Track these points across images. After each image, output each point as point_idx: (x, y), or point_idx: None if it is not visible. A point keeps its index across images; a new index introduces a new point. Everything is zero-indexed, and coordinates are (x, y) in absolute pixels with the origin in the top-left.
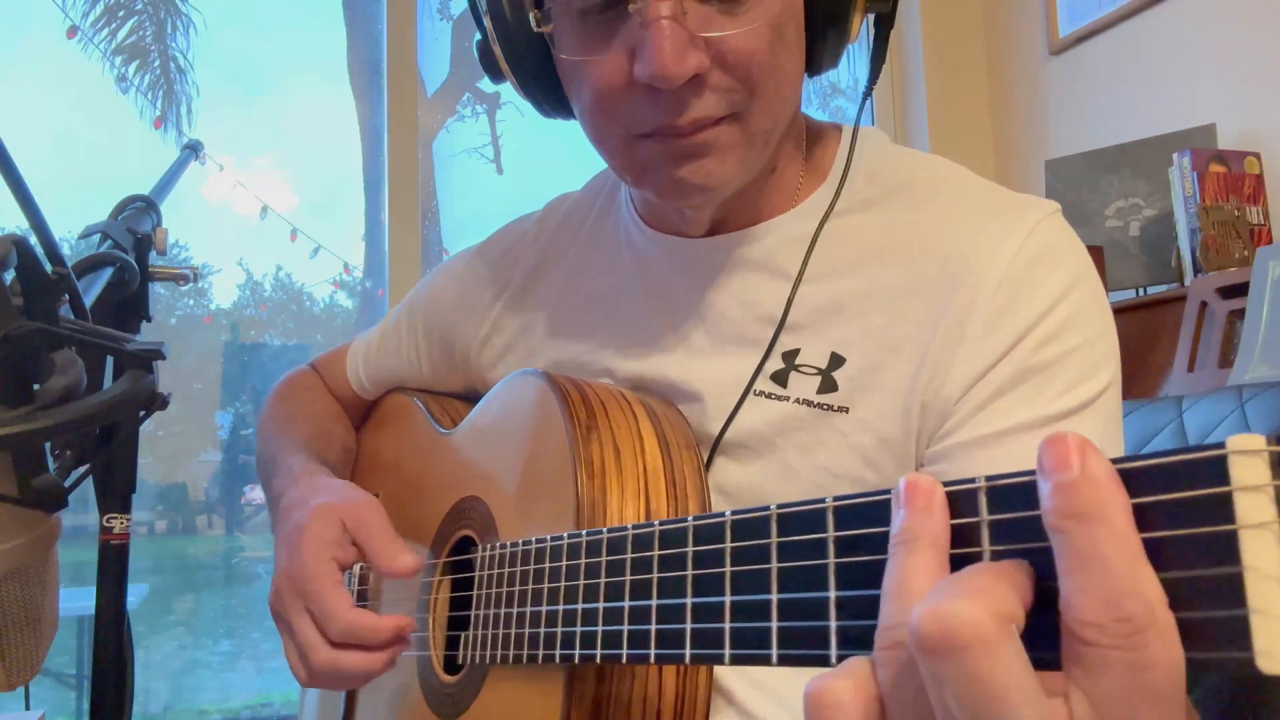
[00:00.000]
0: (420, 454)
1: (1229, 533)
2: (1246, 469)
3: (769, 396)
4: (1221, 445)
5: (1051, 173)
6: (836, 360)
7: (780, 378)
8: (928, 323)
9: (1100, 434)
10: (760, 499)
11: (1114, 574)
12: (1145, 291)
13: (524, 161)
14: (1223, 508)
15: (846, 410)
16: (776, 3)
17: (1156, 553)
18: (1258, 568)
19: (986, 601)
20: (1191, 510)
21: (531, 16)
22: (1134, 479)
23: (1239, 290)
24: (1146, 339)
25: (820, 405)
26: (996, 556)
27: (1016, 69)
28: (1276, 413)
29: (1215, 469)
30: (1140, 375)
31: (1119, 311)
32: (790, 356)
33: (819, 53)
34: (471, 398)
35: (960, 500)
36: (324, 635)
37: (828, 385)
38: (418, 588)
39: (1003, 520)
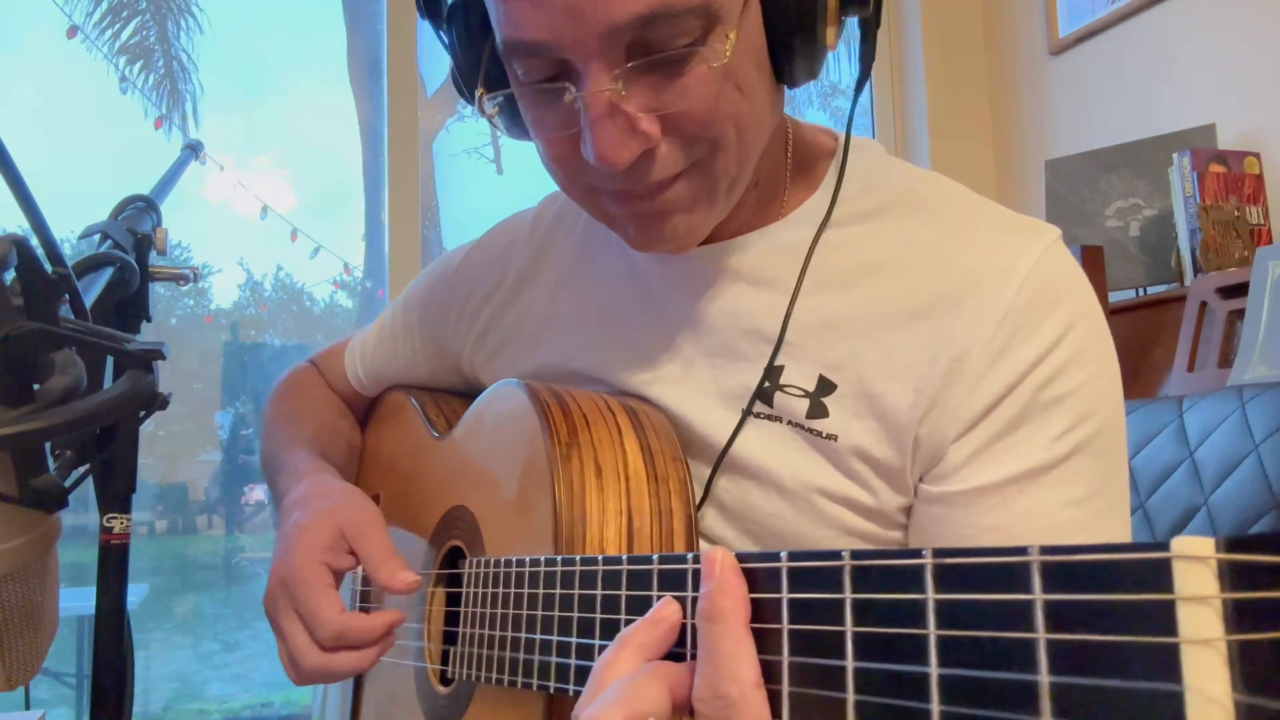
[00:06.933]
0: (416, 458)
1: (1170, 645)
2: (1191, 577)
3: (760, 417)
4: (1165, 547)
5: (1051, 173)
6: (826, 385)
7: (767, 396)
8: (926, 351)
9: (1098, 470)
10: (757, 519)
11: (722, 664)
12: (1145, 291)
13: (524, 161)
14: (1165, 617)
15: (836, 438)
16: (723, 50)
17: (1089, 656)
18: (1200, 689)
19: (624, 708)
20: (1131, 615)
21: (477, 96)
22: (1072, 573)
23: (1239, 290)
24: (1146, 339)
25: (810, 430)
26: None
27: (1016, 69)
28: (1276, 413)
29: (1158, 573)
30: (1140, 375)
31: (1119, 311)
32: (775, 374)
33: (794, 70)
34: (471, 395)
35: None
36: (313, 638)
37: (817, 410)
38: (416, 597)
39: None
